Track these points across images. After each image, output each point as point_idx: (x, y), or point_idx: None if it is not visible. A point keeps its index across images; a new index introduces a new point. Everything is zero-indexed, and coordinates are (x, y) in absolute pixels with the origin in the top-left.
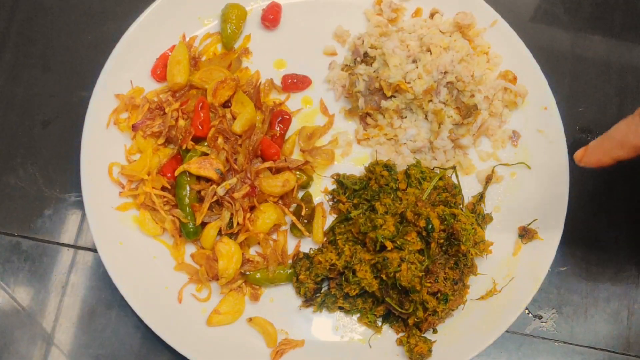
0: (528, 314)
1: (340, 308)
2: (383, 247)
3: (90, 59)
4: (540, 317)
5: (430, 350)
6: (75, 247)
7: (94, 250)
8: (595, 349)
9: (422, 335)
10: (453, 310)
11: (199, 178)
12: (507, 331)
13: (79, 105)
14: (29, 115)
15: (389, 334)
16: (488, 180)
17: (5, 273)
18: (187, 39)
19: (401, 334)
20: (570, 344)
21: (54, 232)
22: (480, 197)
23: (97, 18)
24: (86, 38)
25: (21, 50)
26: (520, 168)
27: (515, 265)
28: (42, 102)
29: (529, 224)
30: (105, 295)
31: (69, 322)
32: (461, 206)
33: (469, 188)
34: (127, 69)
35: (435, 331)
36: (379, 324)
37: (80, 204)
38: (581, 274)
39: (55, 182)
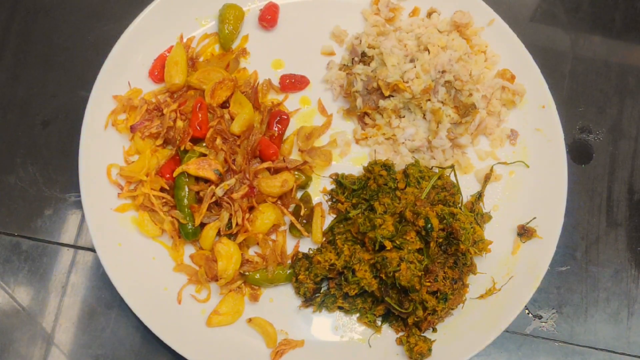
0: (528, 314)
1: (340, 308)
2: (382, 247)
3: (90, 59)
4: (540, 317)
5: (430, 350)
6: (75, 247)
7: (94, 251)
8: (595, 349)
9: (422, 334)
10: (452, 309)
11: (197, 179)
12: (507, 331)
13: (79, 105)
14: (29, 115)
15: (388, 334)
16: (487, 179)
17: (5, 273)
18: (185, 40)
19: (401, 334)
20: (570, 344)
21: (54, 232)
22: (479, 196)
23: (97, 18)
24: (86, 38)
25: (21, 50)
26: (518, 167)
27: (514, 264)
28: (42, 102)
29: (528, 223)
30: (105, 295)
31: (69, 322)
32: (460, 205)
33: (468, 187)
34: (125, 70)
35: (434, 330)
36: (379, 323)
37: (80, 204)
38: (581, 274)
39: (55, 182)
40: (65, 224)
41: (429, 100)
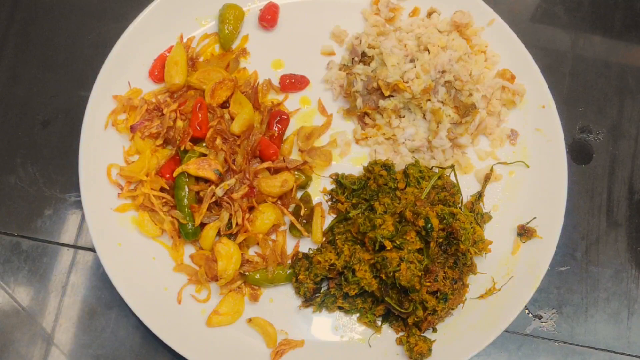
0: (528, 314)
1: (340, 308)
2: (382, 247)
3: (90, 59)
4: (540, 317)
5: (430, 350)
6: (75, 247)
7: (94, 251)
8: (595, 349)
9: (422, 334)
10: (452, 309)
11: (197, 179)
12: (507, 331)
13: (79, 105)
14: (29, 115)
15: (388, 334)
16: (487, 179)
17: (5, 273)
18: (185, 40)
19: (401, 334)
20: (570, 344)
21: (54, 232)
22: (479, 196)
23: (97, 18)
24: (86, 38)
25: (21, 50)
26: (518, 167)
27: (514, 264)
28: (42, 102)
29: (528, 223)
30: (105, 295)
31: (69, 322)
32: (460, 205)
33: (468, 187)
34: (125, 70)
35: (434, 330)
36: (379, 323)
37: (80, 204)
38: (581, 274)
39: (55, 182)
40: (65, 224)
41: (429, 100)
